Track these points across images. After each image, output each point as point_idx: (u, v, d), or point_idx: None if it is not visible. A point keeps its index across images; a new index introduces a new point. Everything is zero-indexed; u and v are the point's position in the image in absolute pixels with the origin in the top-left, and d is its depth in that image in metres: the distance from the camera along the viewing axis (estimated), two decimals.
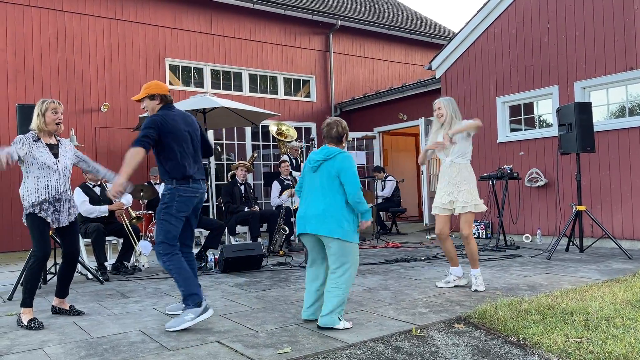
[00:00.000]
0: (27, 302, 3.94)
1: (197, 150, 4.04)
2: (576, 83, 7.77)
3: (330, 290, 3.58)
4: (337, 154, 3.68)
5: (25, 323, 3.85)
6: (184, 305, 3.76)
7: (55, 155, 4.11)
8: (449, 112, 4.75)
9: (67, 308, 4.24)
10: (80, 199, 6.07)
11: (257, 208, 7.77)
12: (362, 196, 3.64)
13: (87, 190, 6.21)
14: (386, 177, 10.46)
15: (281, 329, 3.59)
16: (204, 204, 8.50)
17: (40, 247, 3.93)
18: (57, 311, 4.24)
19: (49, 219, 4.01)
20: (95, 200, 6.20)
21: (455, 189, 4.73)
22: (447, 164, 4.78)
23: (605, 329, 3.22)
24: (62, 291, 4.24)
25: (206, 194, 7.42)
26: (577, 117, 6.42)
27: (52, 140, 4.15)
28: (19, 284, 5.13)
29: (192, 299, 3.68)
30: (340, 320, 3.55)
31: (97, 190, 6.30)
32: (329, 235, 3.56)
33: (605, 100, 7.60)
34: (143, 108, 4.04)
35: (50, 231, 4.09)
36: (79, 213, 6.15)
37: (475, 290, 4.61)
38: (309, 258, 3.84)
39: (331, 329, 3.51)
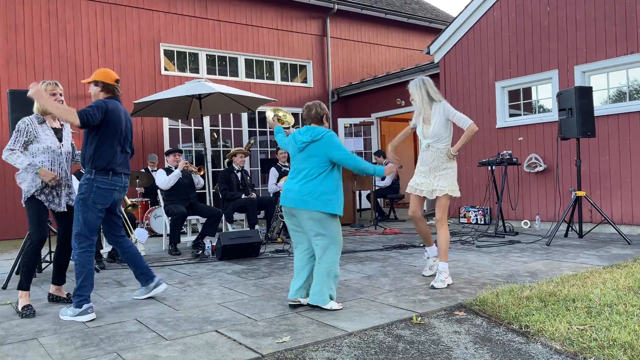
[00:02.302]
0: (23, 285, 3.90)
1: (124, 147, 4.00)
2: (576, 67, 7.68)
3: (317, 266, 3.70)
4: (323, 134, 3.76)
5: (19, 309, 3.81)
6: (144, 288, 4.14)
7: (60, 139, 4.10)
8: (420, 96, 4.46)
9: (65, 296, 4.20)
10: (75, 186, 5.98)
11: (254, 195, 7.70)
12: (361, 162, 3.78)
13: (81, 176, 6.12)
14: (386, 163, 10.36)
15: (280, 317, 3.54)
16: (200, 191, 8.45)
17: (38, 229, 3.90)
18: (54, 299, 4.20)
19: (47, 204, 3.99)
20: None
21: (432, 174, 4.50)
22: (424, 146, 4.57)
23: (608, 316, 3.18)
24: (58, 278, 4.19)
25: (203, 181, 7.37)
26: (578, 101, 6.34)
27: (57, 124, 4.15)
28: (14, 273, 5.07)
29: (77, 299, 3.66)
30: (332, 299, 3.67)
31: None
32: (318, 209, 3.66)
33: (605, 84, 7.52)
34: (90, 92, 4.00)
35: (49, 216, 4.06)
36: None
37: (432, 287, 4.20)
38: (292, 238, 3.94)
39: (329, 315, 3.46)
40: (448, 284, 4.29)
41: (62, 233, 4.15)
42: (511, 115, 8.72)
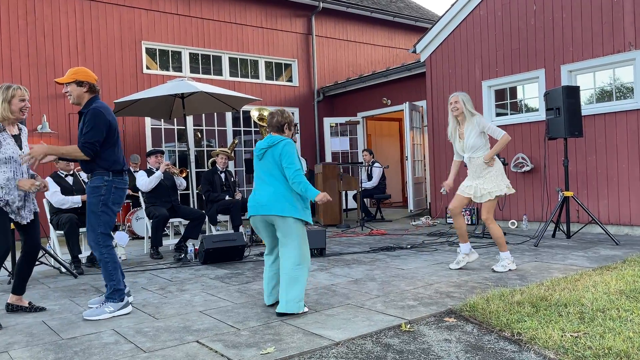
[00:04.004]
0: None
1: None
2: (563, 66, 7.64)
3: (285, 274, 3.66)
4: (279, 141, 3.81)
5: None
6: (104, 297, 3.88)
7: (20, 147, 3.87)
8: (464, 107, 4.89)
9: (26, 305, 3.99)
10: (52, 189, 5.78)
11: (239, 196, 7.55)
12: (301, 177, 3.71)
13: (58, 179, 5.92)
14: (373, 162, 10.28)
15: (264, 326, 3.40)
16: (183, 192, 8.28)
17: (3, 241, 3.71)
18: (13, 309, 3.97)
19: (13, 216, 3.80)
20: (67, 190, 5.91)
21: (480, 181, 4.92)
22: (466, 160, 5.01)
23: (601, 322, 3.10)
24: (21, 288, 3.98)
25: (185, 182, 7.21)
26: (565, 101, 6.29)
27: (15, 130, 3.91)
28: None
29: (118, 294, 3.80)
30: (304, 305, 3.69)
31: (70, 180, 6.01)
32: (276, 214, 3.68)
33: (592, 83, 7.49)
34: (65, 92, 3.89)
35: (12, 225, 3.85)
36: (51, 204, 5.90)
37: (493, 270, 4.85)
38: (266, 244, 3.98)
39: (315, 323, 3.34)
40: (510, 269, 4.83)
41: (31, 244, 3.95)
42: (498, 115, 8.67)
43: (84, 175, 6.26)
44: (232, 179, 7.75)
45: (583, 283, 4.07)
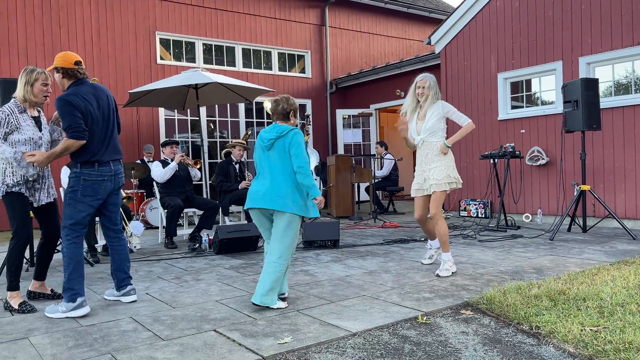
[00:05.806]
0: (13, 286, 3.77)
1: (109, 130, 3.76)
2: (581, 58, 7.53)
3: (269, 266, 3.59)
4: (288, 130, 3.70)
5: (16, 307, 3.68)
6: (115, 290, 3.90)
7: (40, 129, 3.93)
8: (431, 93, 4.61)
9: (49, 292, 4.06)
10: (64, 177, 5.82)
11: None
12: (307, 169, 3.61)
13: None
14: (385, 154, 10.24)
15: (280, 315, 3.41)
16: (197, 183, 8.30)
17: (24, 226, 3.76)
18: (34, 296, 4.02)
19: (31, 198, 3.85)
20: None
21: (426, 167, 4.61)
22: (419, 142, 4.65)
23: (621, 317, 3.07)
24: (42, 273, 4.04)
25: (200, 173, 7.23)
26: (584, 93, 6.21)
27: (35, 112, 3.95)
28: (3, 268, 4.93)
29: (69, 293, 3.53)
30: (278, 299, 3.63)
31: None
32: (277, 208, 3.58)
33: (610, 76, 7.39)
34: (56, 79, 3.78)
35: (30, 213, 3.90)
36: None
37: (437, 275, 4.39)
38: (264, 237, 3.86)
39: (331, 313, 3.35)
40: (452, 272, 4.46)
41: (49, 229, 4.00)
42: (513, 107, 8.59)
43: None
44: (246, 170, 7.76)
45: (601, 277, 4.04)
